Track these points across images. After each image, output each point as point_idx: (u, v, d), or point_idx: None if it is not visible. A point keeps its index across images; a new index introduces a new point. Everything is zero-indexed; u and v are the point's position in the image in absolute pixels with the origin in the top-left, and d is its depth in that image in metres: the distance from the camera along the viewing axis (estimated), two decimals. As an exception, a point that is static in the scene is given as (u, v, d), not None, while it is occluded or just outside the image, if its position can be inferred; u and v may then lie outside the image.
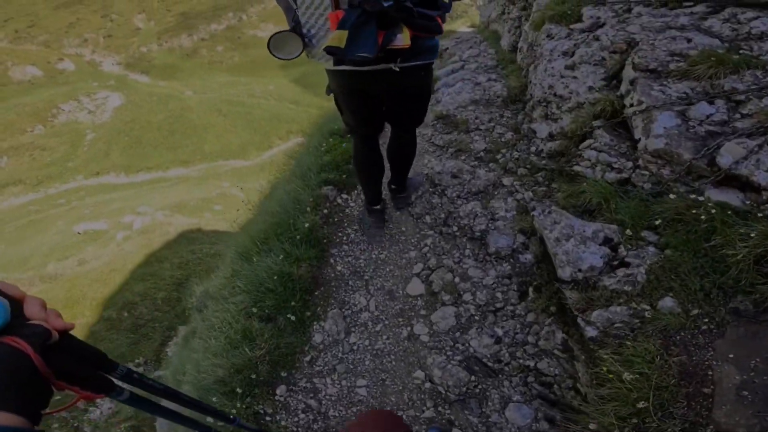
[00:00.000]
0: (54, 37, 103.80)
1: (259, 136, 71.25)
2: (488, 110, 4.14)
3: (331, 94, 2.22)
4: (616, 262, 1.85)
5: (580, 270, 1.88)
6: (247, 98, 79.00)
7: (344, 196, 3.36)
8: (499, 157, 3.44)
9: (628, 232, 1.91)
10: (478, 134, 3.81)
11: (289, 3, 1.61)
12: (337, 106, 2.28)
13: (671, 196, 1.88)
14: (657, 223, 1.87)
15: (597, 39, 3.13)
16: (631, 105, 2.42)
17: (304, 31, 1.54)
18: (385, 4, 1.46)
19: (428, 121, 4.03)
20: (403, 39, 1.58)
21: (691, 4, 2.94)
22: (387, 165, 2.79)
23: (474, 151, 3.59)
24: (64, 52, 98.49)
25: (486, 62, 5.87)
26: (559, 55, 3.34)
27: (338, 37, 1.42)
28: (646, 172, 2.18)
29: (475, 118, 4.04)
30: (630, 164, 2.32)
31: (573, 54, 3.22)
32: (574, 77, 3.02)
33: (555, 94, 3.16)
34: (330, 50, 1.44)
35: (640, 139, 2.28)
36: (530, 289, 2.36)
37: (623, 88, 2.60)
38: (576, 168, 2.63)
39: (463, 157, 3.56)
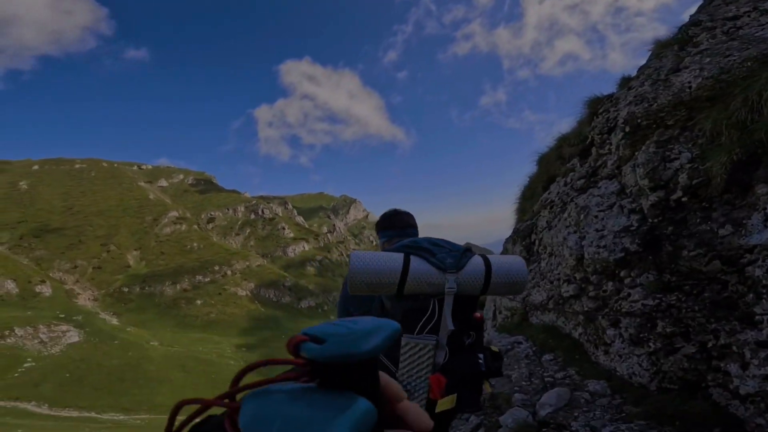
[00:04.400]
0: (49, 254, 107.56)
1: None
2: None
3: None
4: None
5: None
6: (216, 357, 77.27)
7: None
8: None
9: None
10: None
11: (387, 366, 1.71)
12: None
13: None
14: None
15: None
16: None
17: (404, 385, 1.60)
18: (482, 368, 1.73)
19: None
20: (487, 388, 1.82)
21: None
22: None
23: None
24: (50, 274, 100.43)
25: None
26: None
27: (450, 400, 1.57)
28: None
29: None
30: None
31: None
32: None
33: None
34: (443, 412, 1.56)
35: None
36: None
37: None
38: None
39: None
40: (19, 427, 37.19)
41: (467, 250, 1.72)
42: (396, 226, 2.23)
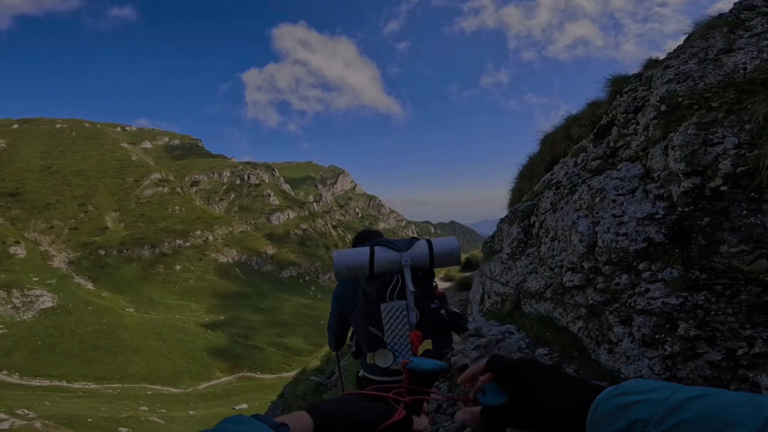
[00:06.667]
0: (25, 214, 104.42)
1: (198, 366, 66.49)
2: None
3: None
4: None
5: None
6: (193, 326, 75.94)
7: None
8: None
9: None
10: None
11: (373, 334, 2.23)
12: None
13: None
14: None
15: None
16: None
17: (391, 347, 2.07)
18: (442, 314, 2.37)
19: None
20: (456, 338, 2.53)
21: None
22: None
23: None
24: (25, 234, 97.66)
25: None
26: None
27: (427, 344, 1.89)
28: None
29: None
30: None
31: None
32: None
33: None
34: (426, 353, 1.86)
35: None
36: None
37: None
38: None
39: None
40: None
41: (414, 239, 2.17)
42: (368, 241, 2.64)
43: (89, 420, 30.52)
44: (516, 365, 0.64)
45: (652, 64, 5.08)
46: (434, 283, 2.34)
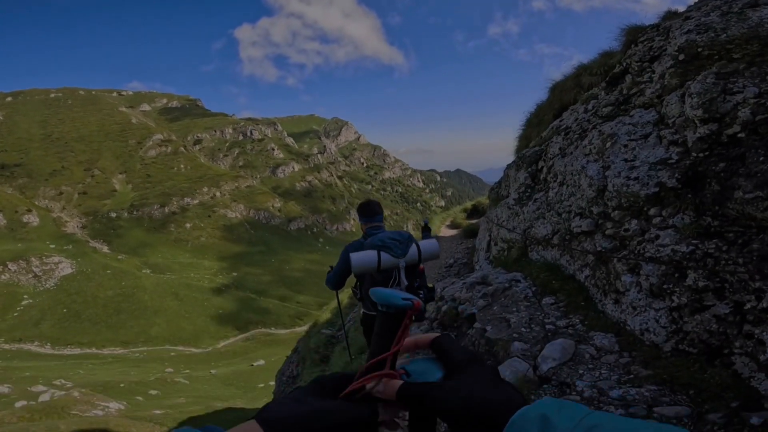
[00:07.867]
0: (33, 182, 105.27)
1: (216, 325, 66.25)
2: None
3: None
4: None
5: None
6: (208, 284, 76.85)
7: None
8: None
9: None
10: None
11: None
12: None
13: None
14: None
15: None
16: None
17: None
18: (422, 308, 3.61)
19: None
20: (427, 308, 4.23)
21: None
22: None
23: None
24: (35, 202, 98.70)
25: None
26: None
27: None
28: None
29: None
30: None
31: None
32: None
33: None
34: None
35: None
36: None
37: None
38: None
39: None
40: (27, 369, 38.50)
41: (409, 240, 2.86)
42: (368, 214, 3.56)
43: (122, 385, 31.99)
44: (462, 354, 0.55)
45: (670, 15, 5.11)
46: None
